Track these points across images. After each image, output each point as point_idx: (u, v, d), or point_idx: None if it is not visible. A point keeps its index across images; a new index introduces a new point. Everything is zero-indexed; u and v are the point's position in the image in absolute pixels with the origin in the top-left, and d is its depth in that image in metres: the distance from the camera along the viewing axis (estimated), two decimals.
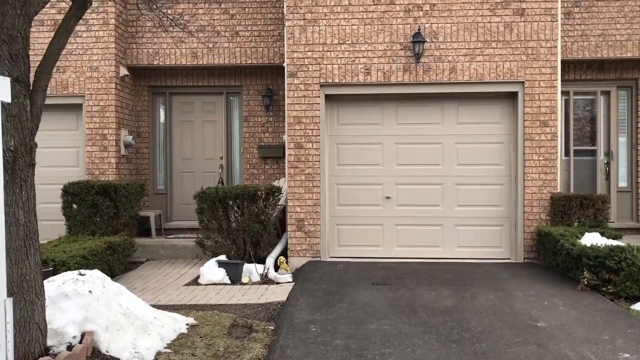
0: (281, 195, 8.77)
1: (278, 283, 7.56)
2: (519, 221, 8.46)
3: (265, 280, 7.72)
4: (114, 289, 5.02)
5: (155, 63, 10.07)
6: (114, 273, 7.87)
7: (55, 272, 6.33)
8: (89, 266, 6.95)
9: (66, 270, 6.22)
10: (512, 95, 8.61)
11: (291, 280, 7.58)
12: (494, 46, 8.44)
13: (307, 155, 8.51)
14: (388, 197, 8.73)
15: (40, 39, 9.63)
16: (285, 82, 8.57)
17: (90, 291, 4.64)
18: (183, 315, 5.72)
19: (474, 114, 8.72)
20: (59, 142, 9.91)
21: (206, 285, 7.56)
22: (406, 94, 8.62)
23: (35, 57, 9.82)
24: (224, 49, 10.01)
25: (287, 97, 8.57)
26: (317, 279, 7.43)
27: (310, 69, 8.51)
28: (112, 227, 8.61)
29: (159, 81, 10.52)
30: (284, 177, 9.93)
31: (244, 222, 8.31)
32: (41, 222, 10.45)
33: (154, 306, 6.22)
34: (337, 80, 8.52)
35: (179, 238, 9.95)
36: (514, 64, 8.41)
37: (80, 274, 4.91)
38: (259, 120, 10.40)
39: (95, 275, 4.95)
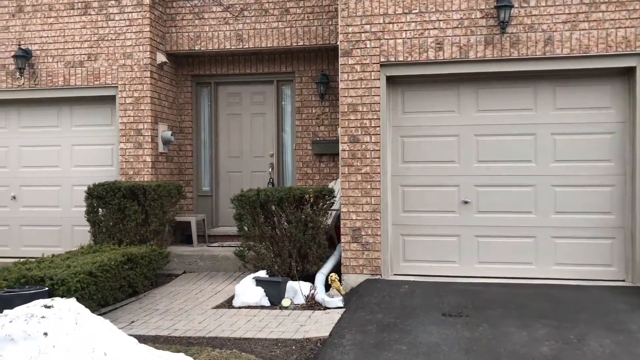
0: (334, 198, 7.38)
1: (326, 308, 6.17)
2: (638, 233, 6.61)
3: (310, 303, 6.36)
4: (92, 327, 3.82)
5: (196, 48, 8.96)
6: (136, 290, 6.78)
7: (51, 294, 5.27)
8: (97, 285, 5.86)
9: (65, 291, 5.15)
10: (628, 72, 6.76)
11: (342, 305, 6.16)
12: (603, 9, 6.63)
13: (364, 150, 7.06)
14: (466, 202, 7.12)
15: (70, 24, 8.75)
16: (339, 63, 7.16)
17: (45, 333, 3.45)
18: (191, 357, 4.44)
19: (576, 97, 6.94)
20: (92, 139, 9.01)
21: (239, 308, 6.29)
22: (488, 73, 6.98)
23: (66, 44, 9.04)
24: (272, 30, 8.74)
25: (341, 80, 7.15)
26: (373, 304, 5.97)
27: (368, 46, 7.06)
28: (140, 235, 7.53)
29: (202, 69, 9.41)
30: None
31: (288, 231, 7.00)
32: (74, 227, 9.81)
33: (166, 338, 5.03)
34: (401, 59, 7.01)
35: (223, 247, 8.78)
36: (630, 30, 6.57)
37: (46, 306, 3.75)
38: (313, 111, 9.06)
39: (65, 308, 3.77)
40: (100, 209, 7.67)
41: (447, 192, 7.16)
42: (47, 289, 5.32)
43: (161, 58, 8.80)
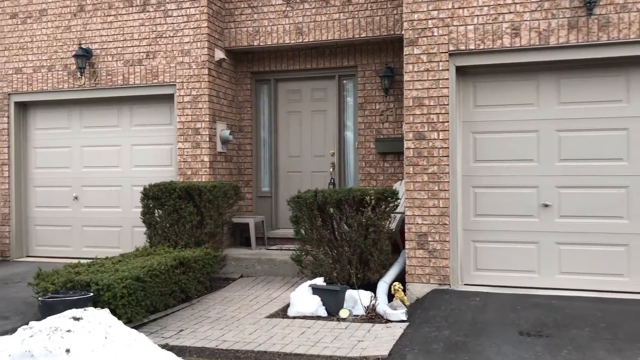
0: (399, 200, 6.84)
1: (387, 321, 5.64)
2: None
3: (371, 314, 5.85)
4: (124, 341, 3.49)
5: (255, 44, 8.64)
6: (188, 295, 6.49)
7: (96, 300, 5.04)
8: (146, 290, 5.59)
9: (111, 297, 4.90)
10: None
11: (405, 318, 5.61)
12: None
13: (431, 148, 6.47)
14: (546, 205, 6.39)
15: (129, 21, 8.64)
16: (403, 53, 6.61)
17: (67, 350, 3.13)
18: None
19: None
20: (151, 138, 8.88)
21: (293, 318, 5.87)
22: (572, 60, 6.23)
23: (125, 42, 8.95)
24: (333, 22, 8.28)
25: (405, 72, 6.59)
26: (440, 319, 5.39)
27: (435, 34, 6.46)
28: (195, 237, 7.27)
29: (262, 66, 9.09)
30: None
31: (348, 236, 6.52)
32: (134, 228, 9.72)
33: (213, 351, 4.71)
34: (472, 47, 6.37)
35: (282, 250, 8.42)
36: None
37: (75, 318, 3.46)
38: (377, 107, 8.53)
39: (96, 321, 3.47)
40: (156, 210, 7.46)
41: (525, 194, 6.45)
42: (91, 294, 5.10)
43: (219, 55, 8.54)
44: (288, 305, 6.20)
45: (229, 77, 8.96)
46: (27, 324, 3.69)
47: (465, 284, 6.55)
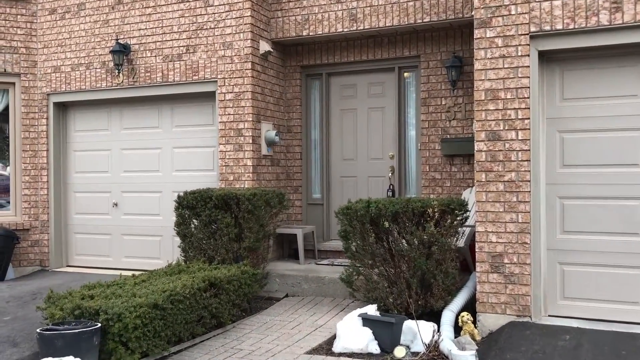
0: (468, 213, 5.81)
1: None
2: None
3: (433, 354, 4.86)
4: None
5: (304, 34, 7.78)
6: (220, 322, 5.69)
7: (106, 332, 4.31)
8: (166, 319, 4.83)
9: (122, 328, 4.18)
10: None
11: None
12: None
13: (508, 151, 5.39)
14: None
15: (168, 13, 7.98)
16: (474, 37, 5.56)
17: None
18: None
19: None
20: (193, 140, 8.20)
21: (339, 356, 4.97)
22: None
23: (164, 35, 8.28)
24: (392, 5, 7.30)
25: (476, 59, 5.54)
26: None
27: (512, 12, 5.37)
28: (232, 252, 6.49)
29: (312, 59, 8.22)
30: None
31: (407, 255, 5.55)
32: (174, 238, 8.95)
33: None
34: (559, 26, 5.24)
35: (333, 265, 7.53)
36: None
37: None
38: (443, 103, 7.48)
39: None
40: (192, 221, 6.73)
41: (628, 206, 5.25)
42: (99, 325, 4.38)
43: (265, 47, 7.73)
44: (334, 337, 5.30)
45: (275, 72, 8.15)
46: None
47: (549, 316, 5.42)
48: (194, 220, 6.70)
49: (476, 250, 5.52)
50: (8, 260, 8.45)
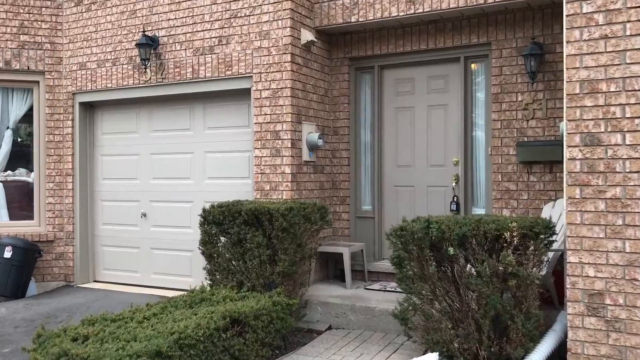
0: (554, 236, 4.66)
1: None
2: None
3: None
4: None
5: (352, 20, 6.77)
6: None
7: None
8: None
9: None
10: None
11: None
12: None
13: (611, 159, 4.20)
14: None
15: (199, 0, 7.14)
16: (565, 14, 4.40)
17: None
18: None
19: None
20: (227, 144, 7.34)
21: None
22: None
23: (195, 25, 7.39)
24: None
25: (568, 41, 4.38)
26: None
27: None
28: (264, 277, 5.55)
29: (362, 49, 7.20)
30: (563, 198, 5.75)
31: (476, 289, 4.45)
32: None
33: None
34: None
35: (385, 291, 6.49)
36: None
37: None
38: (519, 99, 6.31)
39: None
40: (221, 238, 5.84)
41: None
42: None
43: (307, 36, 6.77)
44: None
45: (320, 65, 7.17)
46: None
47: None
48: (221, 237, 5.80)
49: (567, 285, 4.36)
50: (29, 275, 7.83)
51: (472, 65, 6.76)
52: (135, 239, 8.09)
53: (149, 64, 7.43)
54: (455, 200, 6.75)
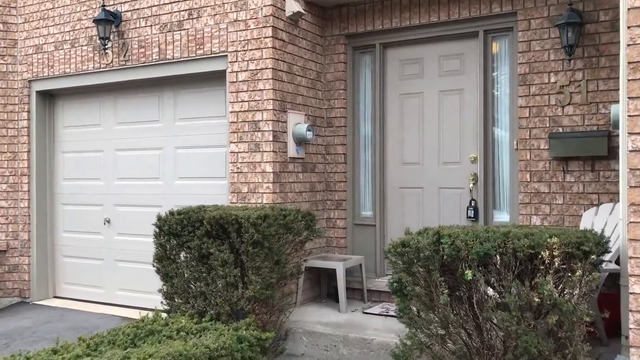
0: (609, 254, 3.51)
1: None
2: None
3: None
4: None
5: None
6: None
7: None
8: None
9: None
10: None
11: None
12: None
13: None
14: None
15: None
16: None
17: None
18: None
19: None
20: (200, 138, 6.26)
21: None
22: None
23: None
24: None
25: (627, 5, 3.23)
26: None
27: None
28: (230, 303, 4.44)
29: (362, 24, 6.09)
30: (612, 203, 4.63)
31: (502, 325, 3.32)
32: None
33: None
34: None
35: (388, 316, 5.37)
36: None
37: None
38: (552, 80, 5.16)
39: None
40: (181, 254, 4.74)
41: None
42: None
43: (293, 7, 5.67)
44: None
45: (310, 43, 6.07)
46: None
47: None
48: (180, 252, 4.70)
49: (631, 325, 3.20)
50: None
51: (494, 41, 5.61)
52: (98, 249, 7.04)
53: (110, 45, 6.38)
54: (472, 205, 5.61)
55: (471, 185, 5.66)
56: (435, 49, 5.90)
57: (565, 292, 3.30)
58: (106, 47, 6.35)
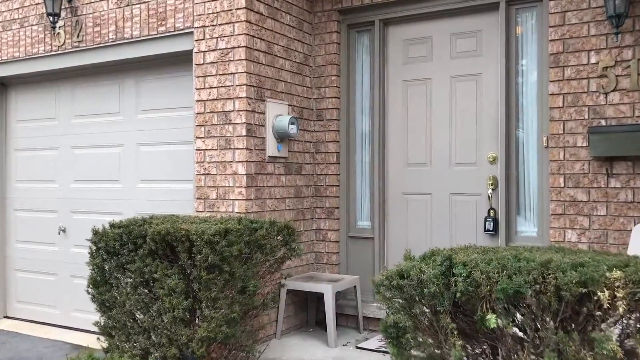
0: None
1: None
2: None
3: None
4: None
5: None
6: None
7: None
8: None
9: None
10: None
11: None
12: None
13: None
14: None
15: None
16: None
17: None
18: None
19: None
20: (166, 133, 5.31)
21: None
22: None
23: None
24: None
25: None
26: None
27: None
28: (179, 344, 3.46)
29: None
30: None
31: None
32: None
33: None
34: None
35: (387, 352, 4.34)
36: None
37: None
38: (592, 60, 4.15)
39: None
40: (120, 277, 3.78)
41: None
42: None
43: None
44: None
45: (296, 20, 5.09)
46: None
47: None
48: (120, 276, 3.74)
49: None
50: None
51: (518, 14, 4.61)
52: (53, 263, 6.10)
53: (62, 23, 5.45)
54: (492, 215, 4.61)
55: (490, 191, 4.66)
56: (446, 26, 4.90)
57: (632, 352, 2.31)
58: (56, 25, 5.42)
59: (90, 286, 3.84)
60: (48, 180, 6.13)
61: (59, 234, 6.02)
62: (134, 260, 3.58)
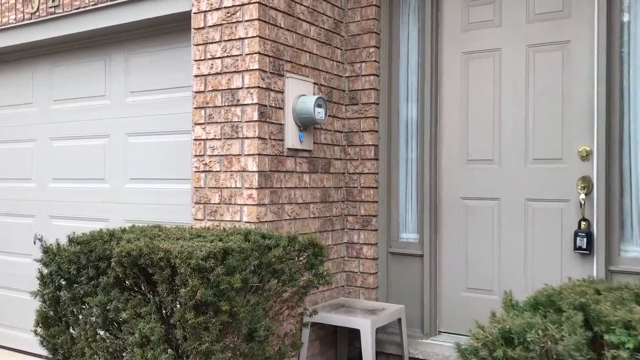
0: None
1: None
2: None
3: None
4: None
5: None
6: None
7: None
8: None
9: None
10: None
11: None
12: None
13: None
14: None
15: None
16: None
17: None
18: None
19: None
20: (161, 119, 4.29)
21: None
22: None
23: None
24: None
25: None
26: None
27: None
28: None
29: None
30: None
31: None
32: None
33: None
34: None
35: None
36: None
37: None
38: None
39: None
40: (80, 313, 2.74)
41: None
42: None
43: None
44: None
45: None
46: None
47: None
48: (76, 311, 2.70)
49: None
50: None
51: None
52: (28, 278, 5.10)
53: None
54: (584, 228, 3.49)
55: (582, 196, 3.54)
56: None
57: None
58: None
59: (40, 325, 2.80)
60: (23, 179, 5.17)
61: (34, 243, 5.04)
62: (95, 291, 2.54)
